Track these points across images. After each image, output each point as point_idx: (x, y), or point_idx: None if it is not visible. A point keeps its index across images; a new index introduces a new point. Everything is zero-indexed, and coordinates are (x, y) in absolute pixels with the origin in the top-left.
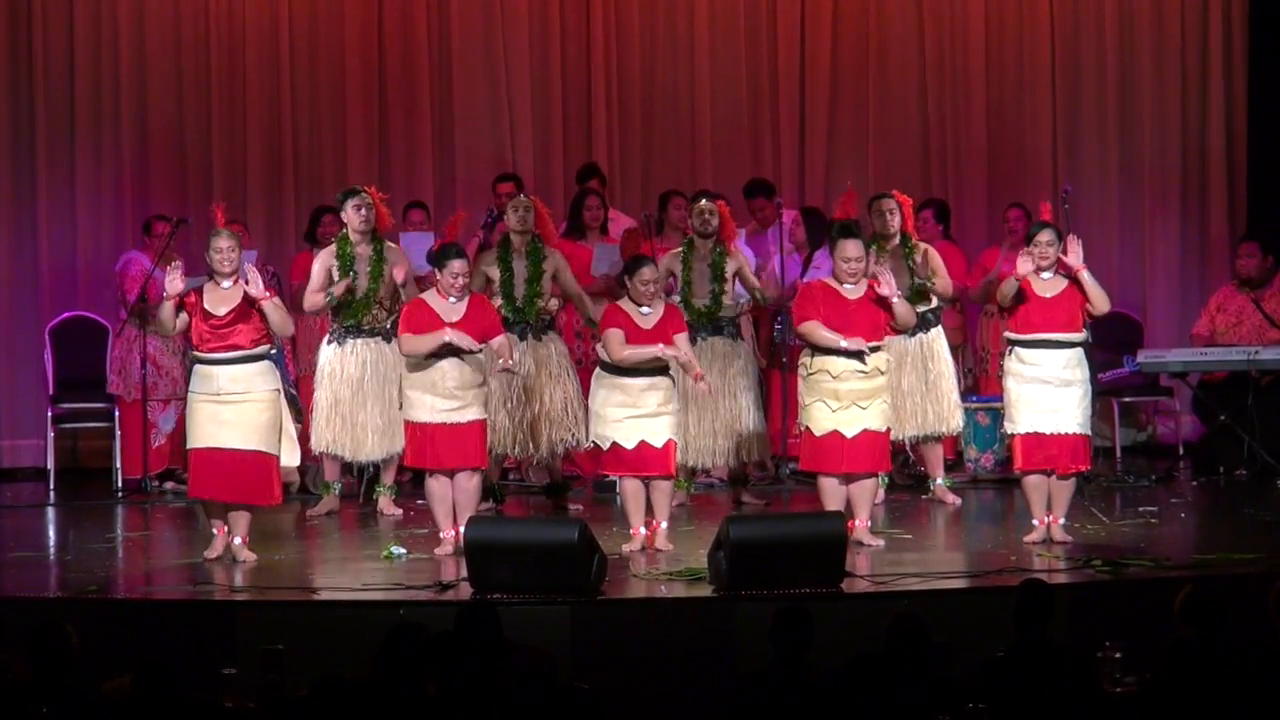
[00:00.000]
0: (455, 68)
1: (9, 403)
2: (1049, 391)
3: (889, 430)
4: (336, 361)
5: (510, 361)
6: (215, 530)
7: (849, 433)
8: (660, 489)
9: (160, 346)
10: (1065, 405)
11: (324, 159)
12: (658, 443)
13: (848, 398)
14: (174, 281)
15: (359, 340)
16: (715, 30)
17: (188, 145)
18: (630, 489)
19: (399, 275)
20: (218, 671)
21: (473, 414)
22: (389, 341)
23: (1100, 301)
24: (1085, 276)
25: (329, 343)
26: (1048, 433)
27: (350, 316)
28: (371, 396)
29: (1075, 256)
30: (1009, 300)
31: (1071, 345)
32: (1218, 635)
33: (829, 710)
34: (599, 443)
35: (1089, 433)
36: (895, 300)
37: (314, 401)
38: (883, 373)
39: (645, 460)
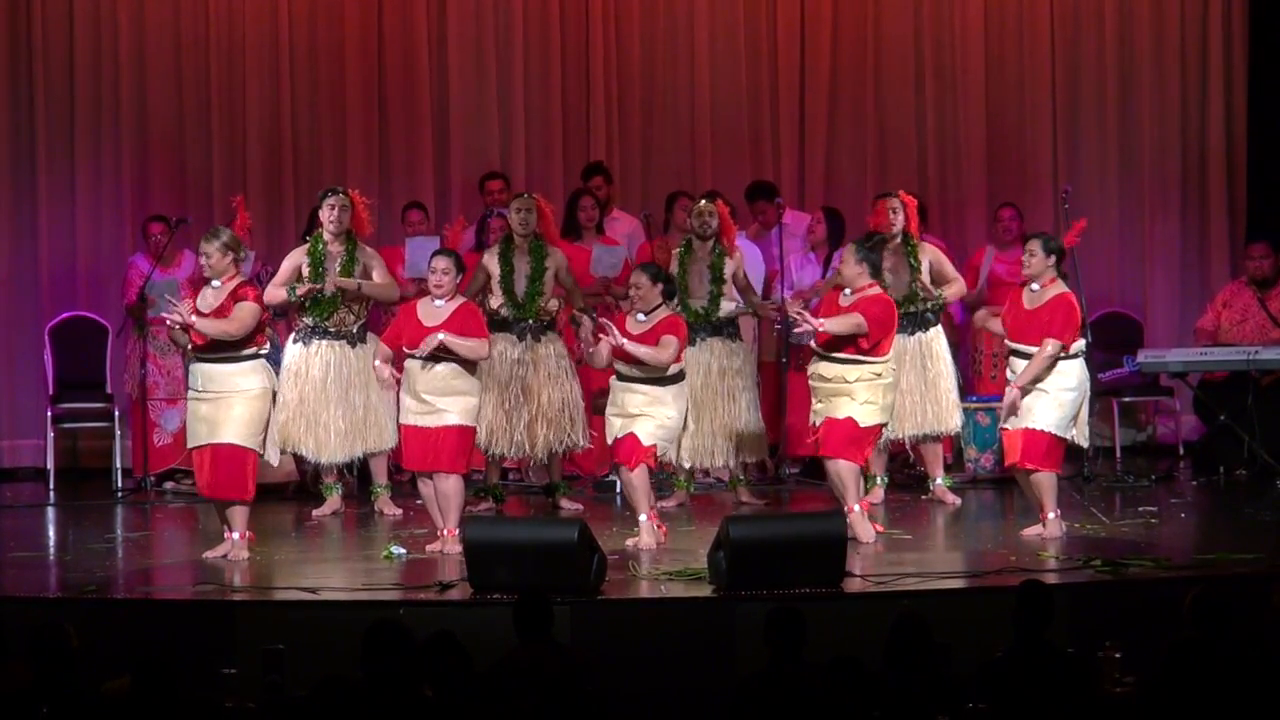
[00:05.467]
0: (454, 68)
1: (9, 403)
2: (1020, 394)
3: (850, 419)
4: (301, 361)
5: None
6: (226, 534)
7: (817, 421)
8: (622, 480)
9: (161, 346)
10: (1028, 405)
11: (324, 159)
12: (622, 434)
13: (821, 394)
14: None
15: (324, 342)
16: (715, 30)
17: (188, 146)
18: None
19: (378, 278)
20: (218, 671)
21: (446, 420)
22: (354, 346)
23: (1046, 363)
24: (1028, 374)
25: (294, 341)
26: (1009, 429)
27: (317, 314)
28: (334, 399)
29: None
30: (981, 326)
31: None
32: (1223, 637)
33: (827, 711)
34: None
35: (1056, 431)
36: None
37: (280, 400)
38: (849, 382)
39: (614, 452)
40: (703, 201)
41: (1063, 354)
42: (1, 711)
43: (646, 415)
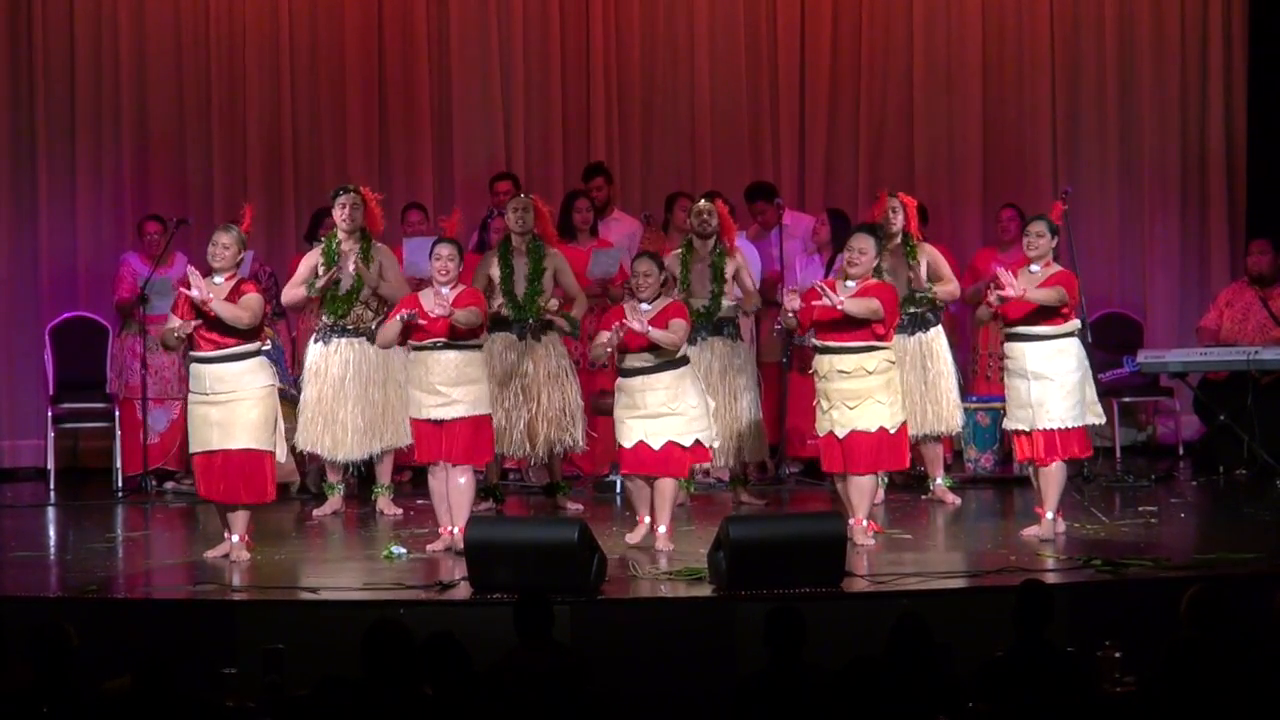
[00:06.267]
0: (455, 69)
1: (9, 403)
2: (1025, 386)
3: (883, 429)
4: (322, 360)
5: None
6: (225, 535)
7: (840, 433)
8: (659, 490)
9: (152, 344)
10: (1041, 400)
11: (324, 160)
12: (655, 444)
13: (835, 397)
14: (184, 325)
15: (343, 340)
16: (715, 30)
17: (188, 146)
18: (629, 486)
19: (392, 278)
20: (218, 671)
21: (461, 410)
22: (373, 342)
23: (1048, 299)
24: (1032, 295)
25: (315, 341)
26: (1025, 429)
27: (333, 314)
28: (352, 397)
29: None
30: (984, 323)
31: (1042, 338)
32: (1221, 636)
33: (828, 711)
34: (617, 447)
35: (1073, 424)
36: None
37: (301, 400)
38: (870, 372)
39: (641, 459)
40: (702, 201)
41: (1060, 314)
42: (1, 711)
43: (674, 414)
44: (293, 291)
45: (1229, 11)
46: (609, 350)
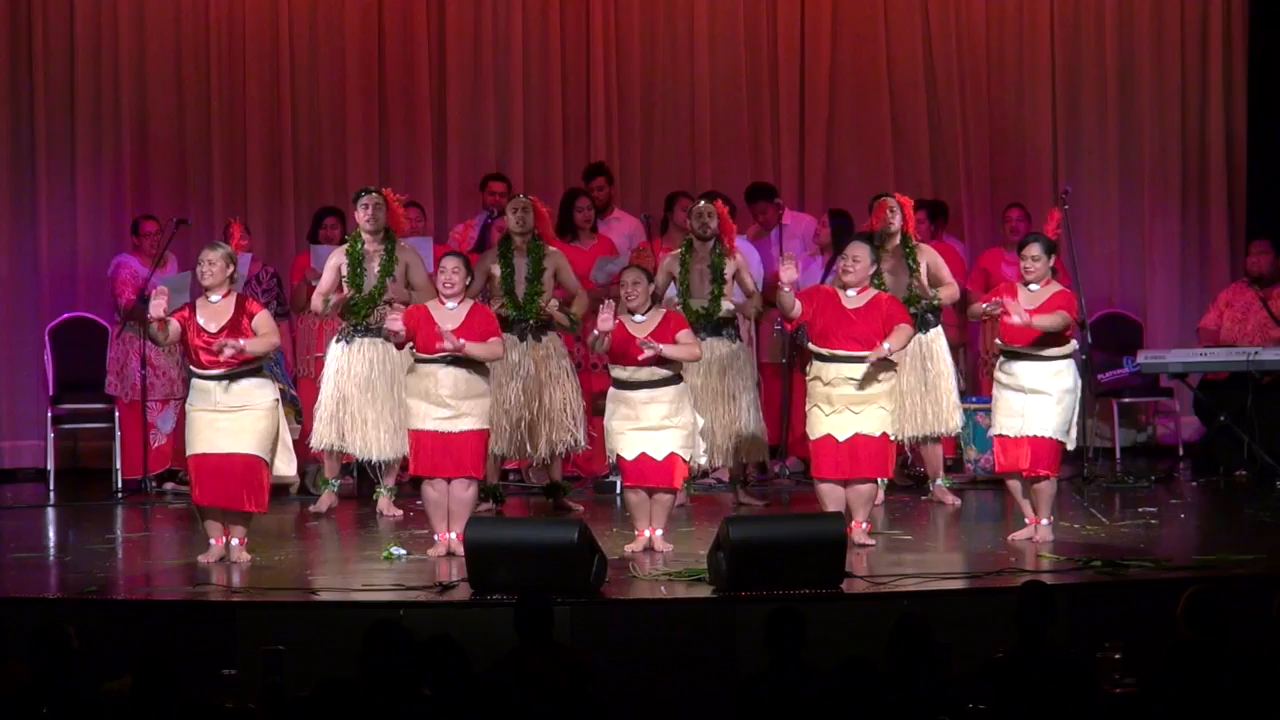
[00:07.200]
0: (454, 69)
1: (9, 403)
2: (1018, 398)
3: (886, 435)
4: (344, 359)
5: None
6: (213, 541)
7: (840, 436)
8: (658, 501)
9: (155, 348)
10: (1031, 411)
11: (324, 160)
12: (658, 455)
13: (840, 402)
14: (157, 305)
15: (366, 339)
16: (715, 30)
17: (188, 146)
18: (632, 499)
19: (417, 279)
20: (218, 672)
21: (468, 424)
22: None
23: (1054, 325)
24: (1036, 322)
25: (337, 341)
26: (1011, 435)
27: (354, 317)
28: (381, 395)
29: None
30: (977, 318)
31: (1041, 359)
32: (1220, 637)
33: (827, 711)
34: (610, 456)
35: (1058, 438)
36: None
37: (319, 400)
38: (878, 380)
39: (644, 472)
40: (701, 202)
41: (1063, 329)
42: (1, 711)
43: (673, 428)
44: (316, 300)
45: (1229, 11)
46: (606, 336)
